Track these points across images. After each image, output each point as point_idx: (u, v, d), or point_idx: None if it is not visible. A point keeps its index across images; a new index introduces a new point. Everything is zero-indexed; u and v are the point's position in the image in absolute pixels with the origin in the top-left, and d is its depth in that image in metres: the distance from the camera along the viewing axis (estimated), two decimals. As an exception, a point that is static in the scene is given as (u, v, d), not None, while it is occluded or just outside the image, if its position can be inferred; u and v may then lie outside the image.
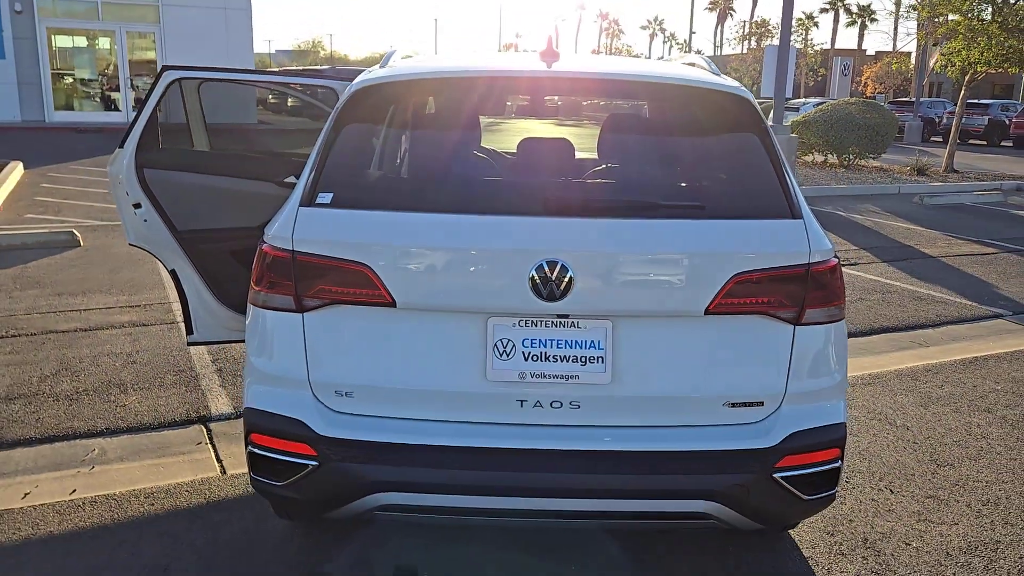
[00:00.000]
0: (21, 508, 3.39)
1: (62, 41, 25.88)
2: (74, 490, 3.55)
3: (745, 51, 70.51)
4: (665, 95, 2.78)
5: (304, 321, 2.44)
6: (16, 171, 13.01)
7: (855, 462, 3.90)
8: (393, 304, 2.36)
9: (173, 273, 4.09)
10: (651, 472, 2.34)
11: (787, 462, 2.38)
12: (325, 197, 2.45)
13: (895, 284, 7.68)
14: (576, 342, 2.37)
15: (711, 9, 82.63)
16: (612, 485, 2.33)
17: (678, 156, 2.72)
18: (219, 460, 3.88)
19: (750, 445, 2.36)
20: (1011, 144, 28.22)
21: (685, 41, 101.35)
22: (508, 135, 5.70)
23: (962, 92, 18.24)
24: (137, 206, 3.86)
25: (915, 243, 9.92)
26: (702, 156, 2.68)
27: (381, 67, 2.86)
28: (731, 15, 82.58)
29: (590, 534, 3.06)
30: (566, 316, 2.36)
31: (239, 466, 3.80)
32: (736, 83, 2.68)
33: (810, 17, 72.38)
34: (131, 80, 25.75)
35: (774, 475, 2.37)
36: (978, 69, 16.98)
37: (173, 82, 3.76)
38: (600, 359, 2.36)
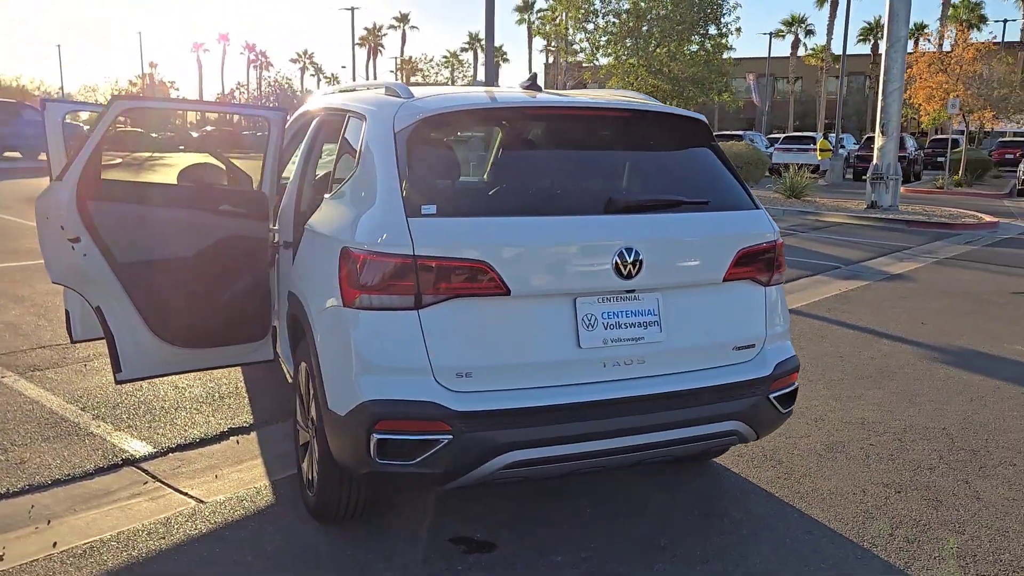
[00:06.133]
0: (8, 569, 3.14)
1: None
2: (55, 542, 3.34)
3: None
4: (654, 121, 3.50)
5: (421, 316, 2.80)
6: None
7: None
8: (508, 293, 2.83)
9: (98, 310, 3.93)
10: (702, 403, 3.08)
11: (775, 386, 3.26)
12: (430, 208, 2.84)
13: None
14: (639, 311, 3.03)
15: (361, 45, 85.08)
16: (678, 417, 3.03)
17: (668, 166, 3.47)
18: (183, 493, 3.82)
19: (756, 375, 3.21)
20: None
21: (333, 75, 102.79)
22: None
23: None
24: (75, 240, 3.70)
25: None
26: (685, 166, 3.46)
27: (404, 97, 3.24)
28: (381, 52, 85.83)
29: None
30: (632, 291, 3.01)
31: (215, 493, 3.80)
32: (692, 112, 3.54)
33: (454, 55, 77.89)
34: None
35: (769, 396, 3.24)
36: (631, 104, 20.17)
37: (123, 111, 3.68)
38: (656, 323, 3.05)
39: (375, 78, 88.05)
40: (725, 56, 19.59)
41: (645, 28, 19.37)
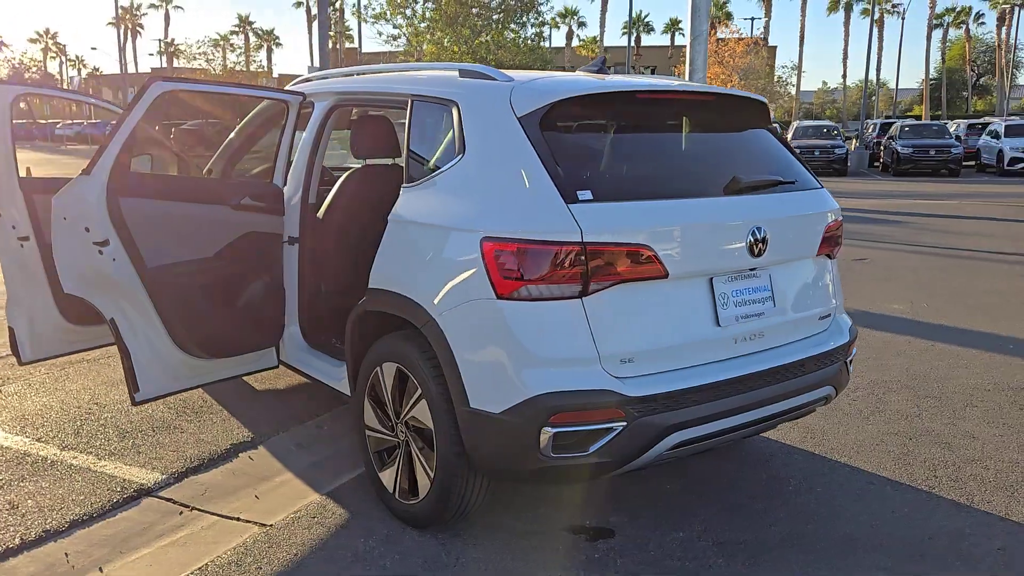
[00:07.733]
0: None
1: None
2: (132, 592, 2.91)
3: (166, 66, 68.40)
4: (740, 105, 3.60)
5: (585, 304, 2.75)
6: None
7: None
8: (666, 275, 2.85)
9: (112, 322, 3.44)
10: (808, 371, 3.27)
11: (849, 350, 3.54)
12: (586, 194, 2.78)
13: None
14: (758, 287, 3.16)
15: (115, 25, 77.87)
16: (797, 386, 3.20)
17: (753, 147, 3.58)
18: (234, 518, 3.46)
19: (840, 342, 3.45)
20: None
21: (79, 56, 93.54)
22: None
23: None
24: (103, 244, 3.19)
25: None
26: (763, 147, 3.58)
27: (501, 80, 3.14)
28: (140, 33, 79.07)
29: None
30: (754, 269, 3.13)
31: (273, 514, 3.47)
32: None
33: (225, 39, 73.48)
34: None
35: (846, 361, 3.51)
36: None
37: (161, 94, 3.19)
38: (770, 298, 3.20)
39: (135, 61, 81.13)
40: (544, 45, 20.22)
41: (461, 18, 19.48)
